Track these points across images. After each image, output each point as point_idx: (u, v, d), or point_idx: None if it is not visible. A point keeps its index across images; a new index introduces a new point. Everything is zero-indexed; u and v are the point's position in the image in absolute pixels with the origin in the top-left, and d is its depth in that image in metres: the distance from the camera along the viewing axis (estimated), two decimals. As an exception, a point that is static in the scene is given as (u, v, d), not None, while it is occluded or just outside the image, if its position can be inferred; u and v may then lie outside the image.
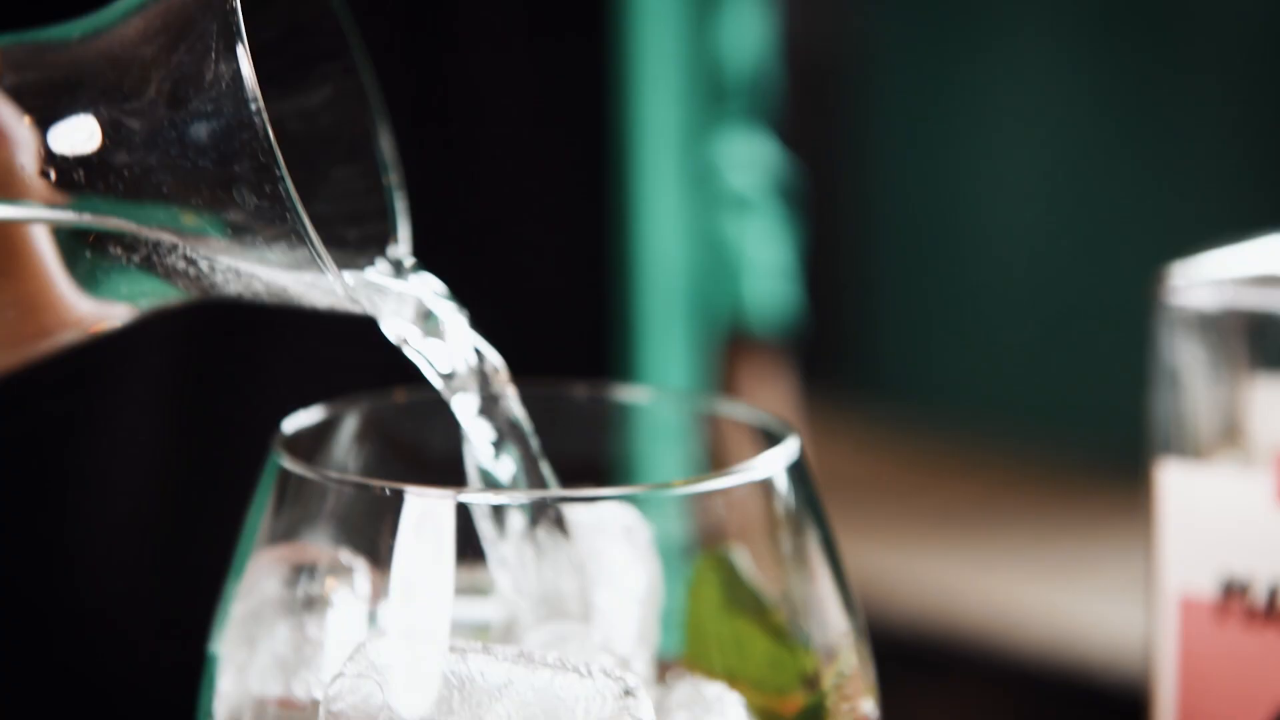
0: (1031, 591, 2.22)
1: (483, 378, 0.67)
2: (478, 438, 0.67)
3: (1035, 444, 2.73)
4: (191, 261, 0.61)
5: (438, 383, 0.67)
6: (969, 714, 1.99)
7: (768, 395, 1.34)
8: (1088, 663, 2.04)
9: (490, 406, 0.67)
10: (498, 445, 0.67)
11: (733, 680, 0.68)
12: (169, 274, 0.61)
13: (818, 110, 2.93)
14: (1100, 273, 2.69)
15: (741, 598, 0.71)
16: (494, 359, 0.68)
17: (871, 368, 3.02)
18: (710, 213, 1.29)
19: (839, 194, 2.96)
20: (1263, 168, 2.67)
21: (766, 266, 1.32)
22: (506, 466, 0.68)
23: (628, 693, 0.63)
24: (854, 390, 2.92)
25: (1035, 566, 2.31)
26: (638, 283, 1.20)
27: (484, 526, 0.65)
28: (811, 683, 0.68)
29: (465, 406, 0.68)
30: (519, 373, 0.69)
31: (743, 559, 0.70)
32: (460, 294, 0.68)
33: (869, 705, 0.68)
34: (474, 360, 0.67)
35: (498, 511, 0.65)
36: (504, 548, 0.66)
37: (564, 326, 1.19)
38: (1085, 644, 2.08)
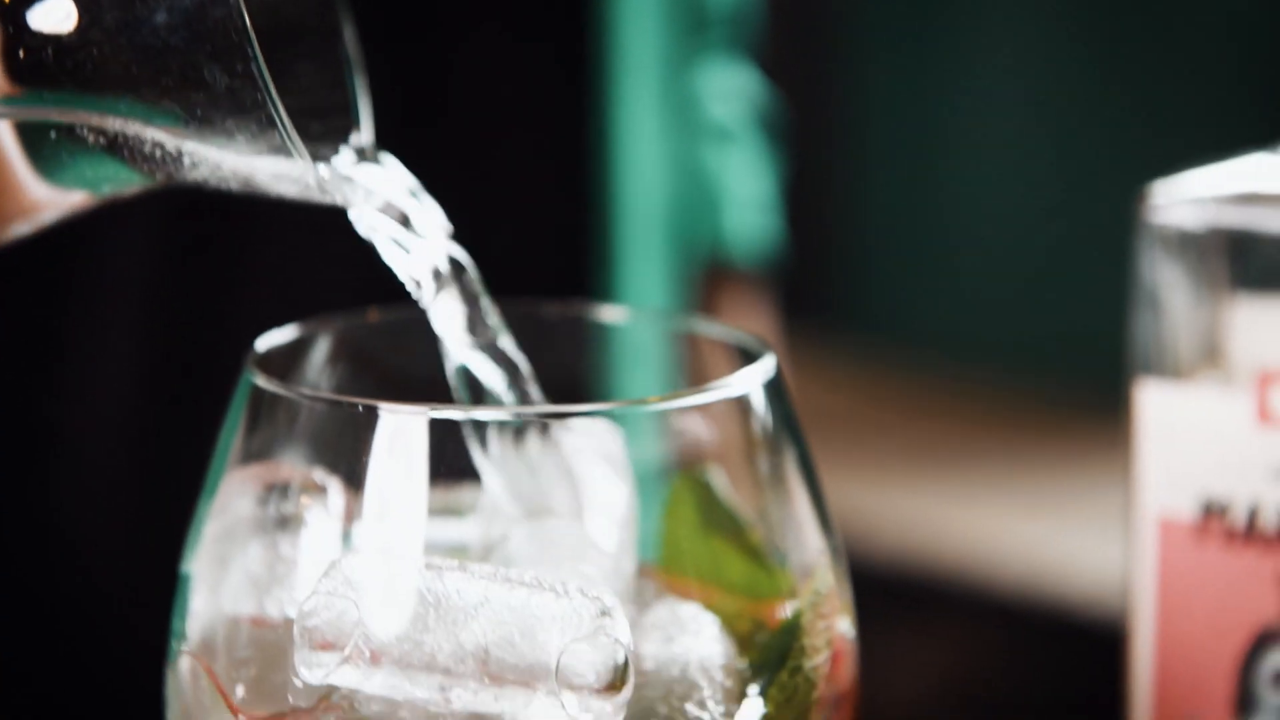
0: (1011, 526, 2.22)
1: (455, 274, 0.66)
2: (451, 337, 0.67)
3: (1016, 378, 2.73)
4: (158, 146, 0.60)
5: (407, 278, 0.66)
6: (948, 648, 2.00)
7: (748, 327, 1.33)
8: (1067, 597, 2.05)
9: (465, 306, 0.67)
10: (473, 344, 0.67)
11: (709, 600, 0.68)
12: (133, 159, 0.61)
13: (800, 41, 2.91)
14: (1085, 208, 2.69)
15: (718, 518, 0.70)
16: (463, 257, 0.67)
17: (853, 302, 3.02)
18: (691, 143, 1.28)
19: (820, 126, 2.95)
20: (1245, 87, 2.67)
21: (747, 198, 1.31)
22: (482, 363, 0.67)
23: (604, 612, 0.62)
24: (835, 325, 2.92)
25: (1015, 501, 2.31)
26: (617, 212, 1.19)
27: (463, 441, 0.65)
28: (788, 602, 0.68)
29: (437, 305, 0.67)
30: (495, 297, 0.69)
31: (719, 479, 0.70)
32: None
33: (845, 624, 0.68)
34: (445, 257, 0.66)
35: (473, 426, 0.65)
36: (485, 462, 0.66)
37: (542, 255, 1.19)
38: (1064, 578, 2.08)
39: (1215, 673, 0.80)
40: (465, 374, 0.67)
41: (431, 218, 0.66)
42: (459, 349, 0.68)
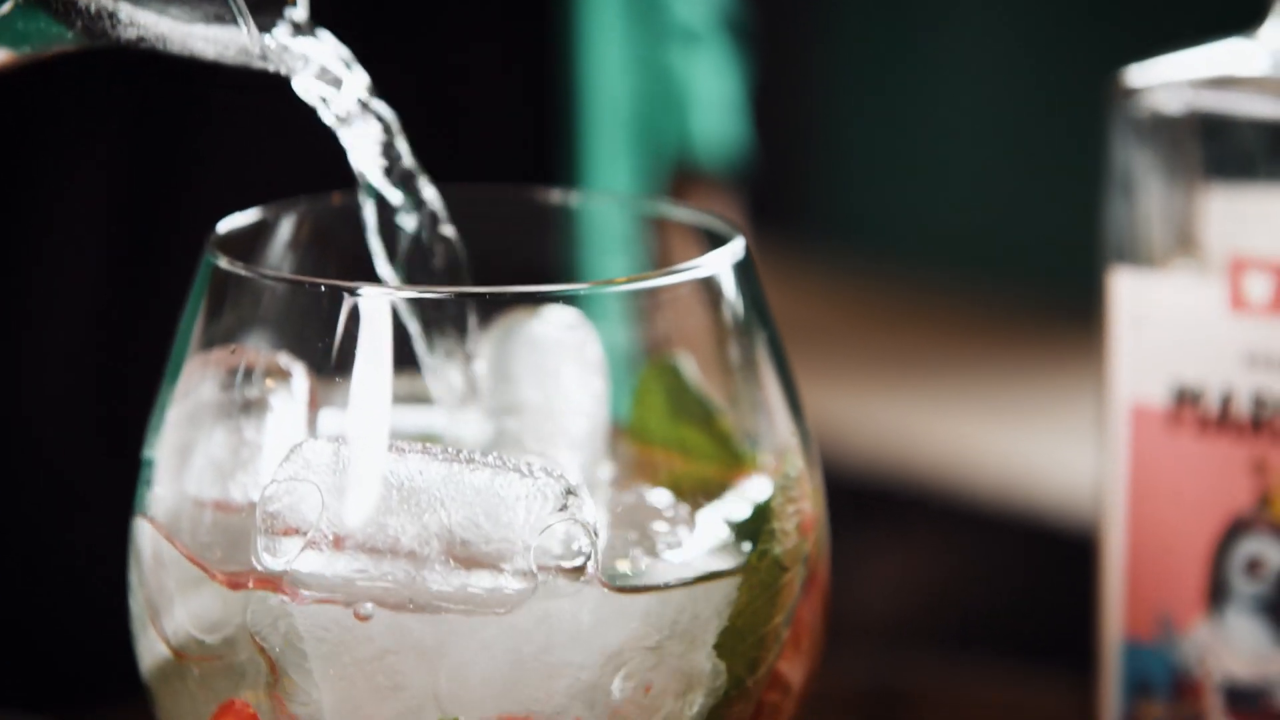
0: (984, 432, 2.22)
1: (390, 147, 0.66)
2: (368, 170, 0.66)
3: (989, 284, 2.72)
4: (94, 1, 0.59)
5: (331, 118, 0.66)
6: (921, 555, 2.00)
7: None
8: (1040, 503, 2.05)
9: (384, 145, 0.66)
10: (389, 180, 0.66)
11: (678, 488, 0.67)
12: (65, 13, 0.59)
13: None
14: (1059, 106, 2.67)
15: (687, 405, 0.70)
16: (387, 113, 0.66)
17: (823, 210, 3.00)
18: (657, 44, 1.27)
19: (787, 28, 2.93)
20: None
21: (713, 100, 1.30)
22: (397, 198, 0.66)
23: (569, 492, 0.61)
24: (805, 233, 2.91)
25: (988, 407, 2.31)
26: (584, 115, 1.18)
27: (418, 324, 0.64)
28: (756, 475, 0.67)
29: (355, 140, 0.66)
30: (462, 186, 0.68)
31: (688, 366, 0.69)
32: (400, 116, 0.67)
33: (814, 508, 0.67)
34: (383, 128, 0.65)
35: (435, 308, 0.64)
36: (444, 346, 0.65)
37: (509, 160, 1.17)
38: (1037, 484, 2.08)
39: (1188, 563, 0.80)
40: (378, 204, 0.66)
41: (363, 83, 0.65)
42: (374, 179, 0.67)
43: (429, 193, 0.67)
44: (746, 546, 0.65)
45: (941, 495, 2.11)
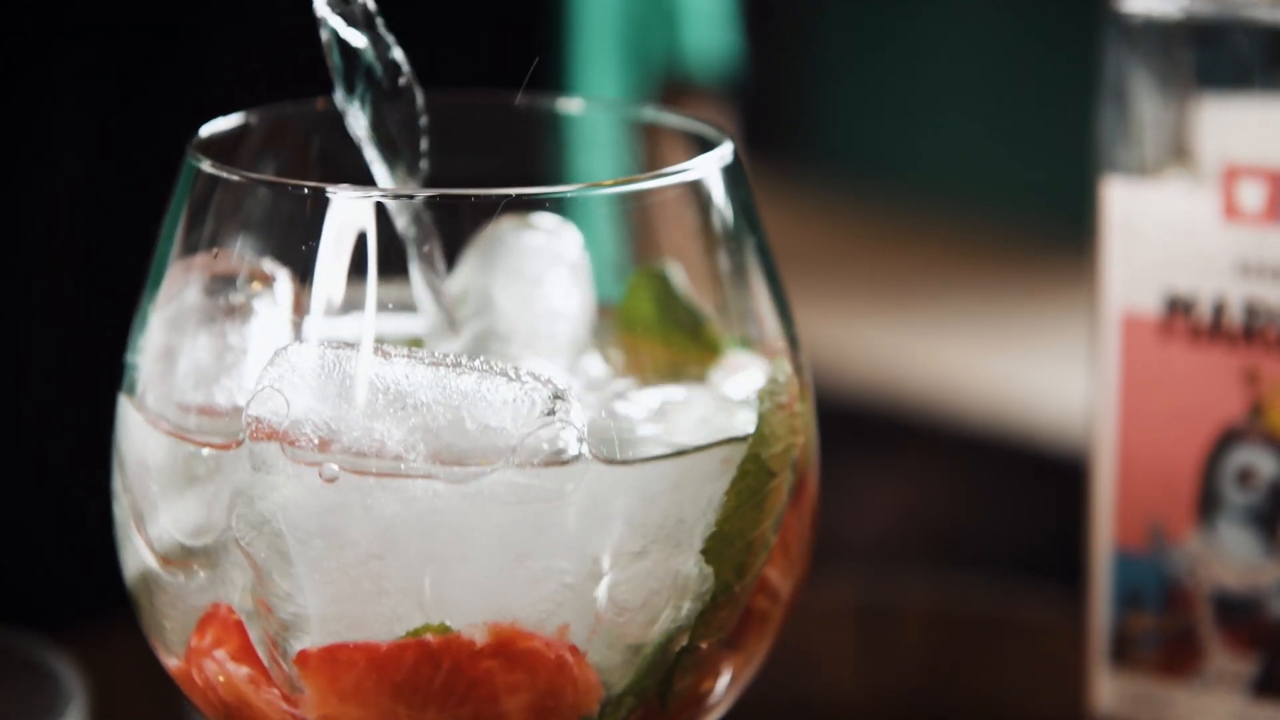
0: (976, 358, 2.22)
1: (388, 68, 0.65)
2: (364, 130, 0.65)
3: (980, 210, 2.72)
4: None
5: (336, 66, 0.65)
6: (913, 481, 2.00)
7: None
8: (1031, 429, 2.05)
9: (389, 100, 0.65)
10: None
11: (664, 385, 0.67)
12: None
13: None
14: (1053, 27, 2.66)
15: (676, 313, 0.69)
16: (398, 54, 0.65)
17: (816, 133, 2.99)
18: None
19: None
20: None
21: (704, 11, 1.29)
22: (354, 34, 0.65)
23: (557, 396, 0.61)
24: (795, 155, 2.90)
25: (981, 336, 2.30)
26: (572, 23, 1.17)
27: (405, 226, 0.63)
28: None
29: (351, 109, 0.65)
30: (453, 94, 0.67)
31: (677, 275, 0.69)
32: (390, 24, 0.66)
33: (804, 414, 0.67)
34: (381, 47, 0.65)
35: (421, 211, 0.63)
36: (428, 250, 0.65)
37: (495, 67, 1.17)
38: (1029, 411, 2.08)
39: (1179, 473, 0.80)
40: (337, 42, 0.65)
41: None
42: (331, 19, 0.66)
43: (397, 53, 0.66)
44: (737, 426, 0.64)
45: (932, 420, 2.10)
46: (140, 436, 0.64)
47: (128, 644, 0.95)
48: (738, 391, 0.66)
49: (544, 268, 0.68)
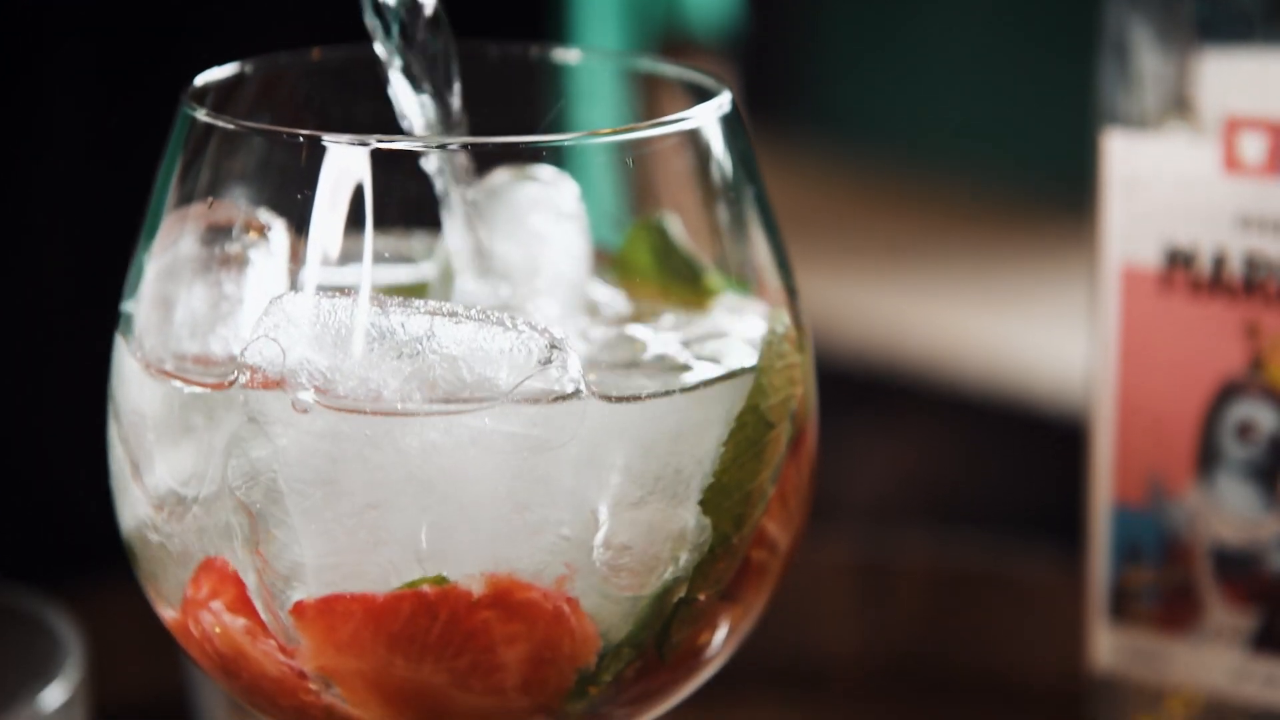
0: (976, 321, 2.21)
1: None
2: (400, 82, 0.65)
3: (981, 174, 2.71)
4: None
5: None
6: (912, 443, 2.00)
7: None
8: (1032, 394, 2.04)
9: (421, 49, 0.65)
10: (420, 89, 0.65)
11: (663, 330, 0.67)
12: None
13: None
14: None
15: (674, 264, 0.69)
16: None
17: (813, 93, 2.98)
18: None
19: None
20: None
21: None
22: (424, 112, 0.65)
23: (553, 345, 0.61)
24: (795, 117, 2.89)
25: (981, 298, 2.30)
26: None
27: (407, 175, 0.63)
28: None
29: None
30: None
31: (675, 226, 0.68)
32: None
33: (803, 366, 0.67)
34: None
35: (419, 160, 0.63)
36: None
37: (496, 18, 1.16)
38: (1028, 373, 2.08)
39: (1178, 427, 0.79)
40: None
41: None
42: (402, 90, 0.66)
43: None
44: (736, 364, 0.64)
45: (931, 383, 2.10)
46: (136, 384, 0.64)
47: (124, 599, 0.95)
48: (736, 333, 0.66)
49: (542, 218, 0.68)
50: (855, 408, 1.98)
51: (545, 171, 0.67)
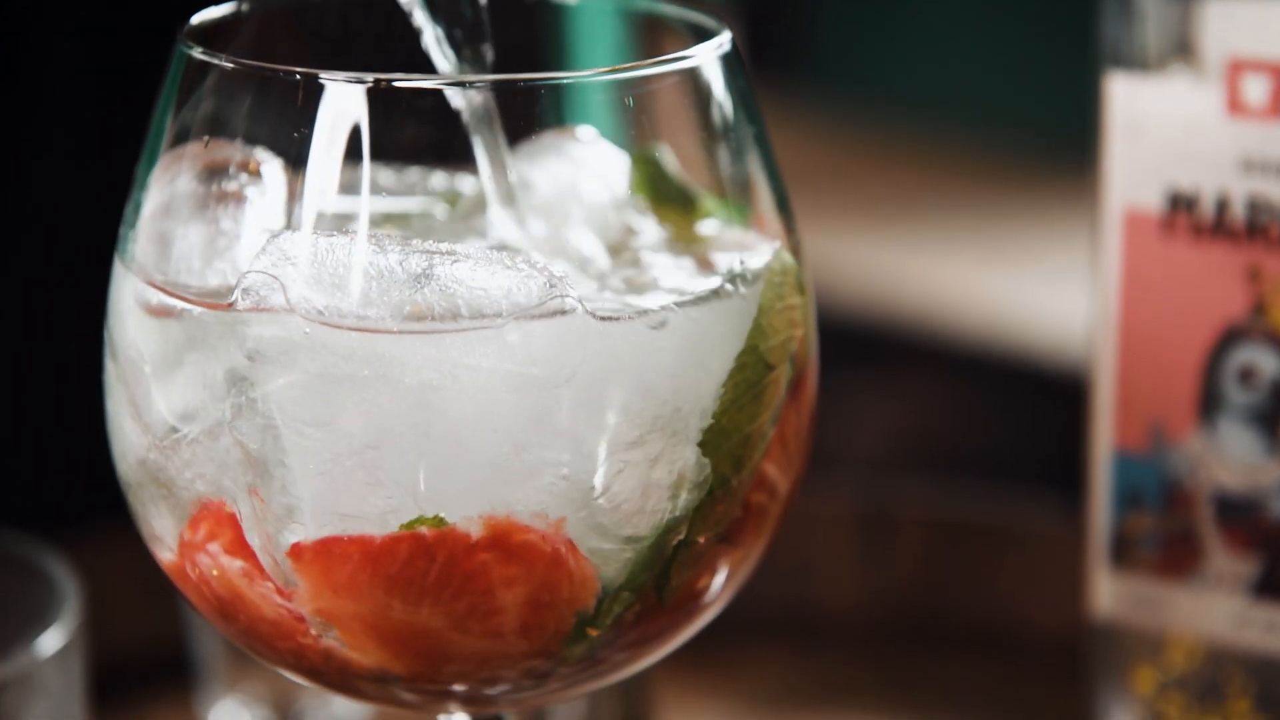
0: (977, 277, 2.21)
1: None
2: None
3: (982, 127, 2.70)
4: None
5: None
6: (913, 403, 1.99)
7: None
8: (1032, 349, 2.04)
9: None
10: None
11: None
12: None
13: None
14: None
15: (670, 194, 0.68)
16: None
17: (815, 50, 2.98)
18: None
19: None
20: None
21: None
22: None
23: (552, 284, 0.60)
24: (797, 75, 2.88)
25: (981, 252, 2.29)
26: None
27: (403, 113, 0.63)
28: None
29: None
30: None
31: (668, 157, 0.68)
32: None
33: (804, 308, 0.66)
34: None
35: (416, 98, 0.62)
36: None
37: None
38: (1029, 329, 2.07)
39: (1180, 372, 0.79)
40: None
41: None
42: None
43: None
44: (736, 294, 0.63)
45: (932, 338, 2.10)
46: (135, 318, 0.64)
47: (122, 547, 0.95)
48: (736, 260, 0.65)
49: (579, 164, 0.68)
50: (855, 363, 1.98)
51: (587, 132, 0.67)
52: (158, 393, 0.63)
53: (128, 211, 0.65)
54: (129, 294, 0.64)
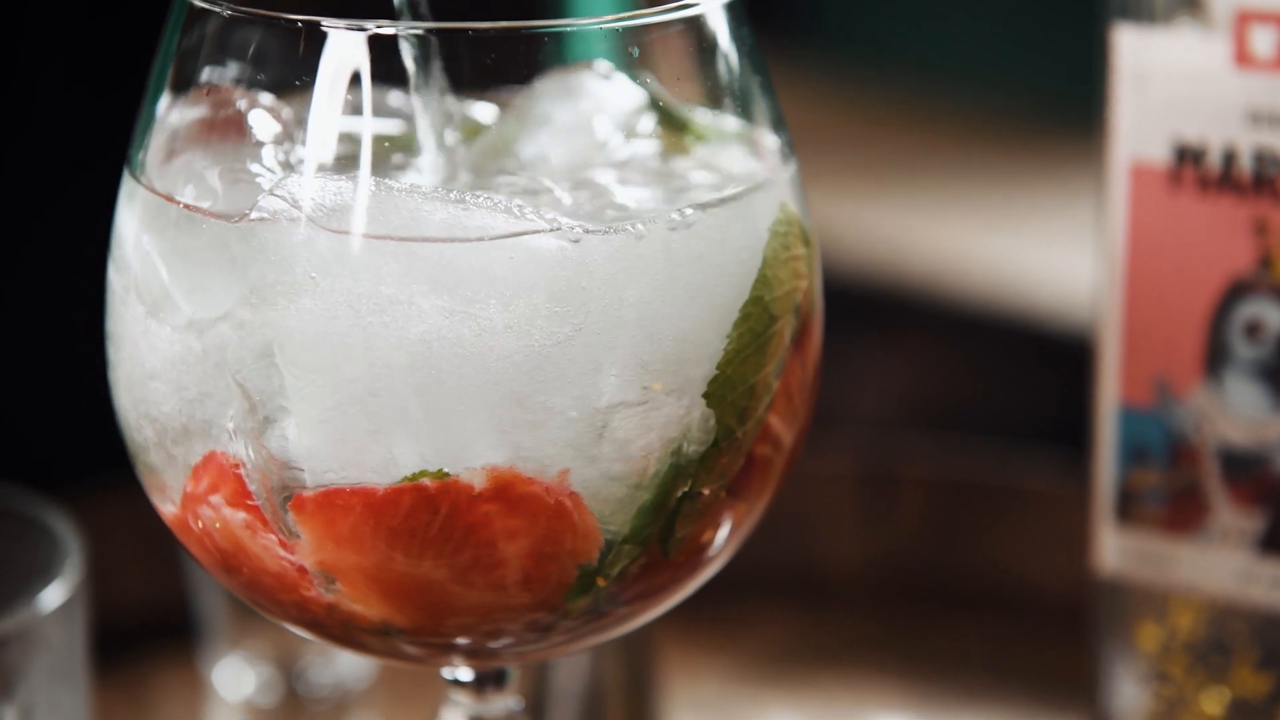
0: (981, 238, 2.20)
1: None
2: None
3: (987, 85, 2.70)
4: None
5: None
6: (916, 365, 1.99)
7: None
8: (1036, 312, 2.04)
9: None
10: None
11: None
12: None
13: None
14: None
15: (662, 117, 0.67)
16: None
17: (817, 10, 2.97)
18: None
19: None
20: None
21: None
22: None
23: (553, 229, 0.60)
24: (799, 35, 2.88)
25: (985, 213, 2.29)
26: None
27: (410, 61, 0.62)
28: None
29: None
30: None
31: (653, 83, 0.67)
32: None
33: (808, 259, 0.66)
34: None
35: (419, 45, 0.62)
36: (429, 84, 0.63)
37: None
38: (1033, 291, 2.07)
39: (1186, 326, 0.79)
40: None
41: None
42: None
43: None
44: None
45: (935, 299, 2.09)
46: (137, 236, 0.63)
47: (125, 503, 0.95)
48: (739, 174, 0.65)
49: (596, 100, 0.67)
50: (859, 324, 1.97)
51: (604, 66, 0.66)
52: (167, 299, 0.62)
53: (132, 145, 0.65)
54: (136, 208, 0.64)
